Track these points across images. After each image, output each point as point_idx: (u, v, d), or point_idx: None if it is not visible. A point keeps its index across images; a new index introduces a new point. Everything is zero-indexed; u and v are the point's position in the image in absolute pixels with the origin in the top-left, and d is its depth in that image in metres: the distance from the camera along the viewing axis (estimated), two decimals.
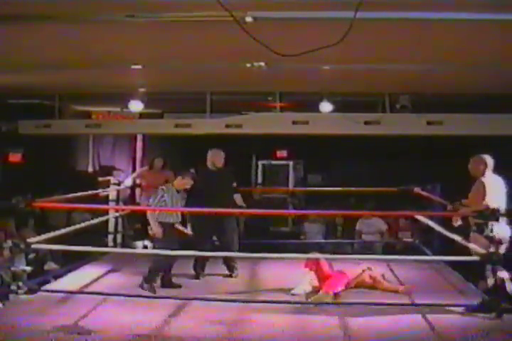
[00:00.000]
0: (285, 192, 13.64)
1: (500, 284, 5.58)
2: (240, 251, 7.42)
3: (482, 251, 5.72)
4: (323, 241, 11.10)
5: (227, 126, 10.51)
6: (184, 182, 6.93)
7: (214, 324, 5.38)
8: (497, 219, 5.66)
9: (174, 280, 6.90)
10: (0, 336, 4.94)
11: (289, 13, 5.32)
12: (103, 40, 6.43)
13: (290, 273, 7.06)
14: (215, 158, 7.51)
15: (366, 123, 10.35)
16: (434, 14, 5.23)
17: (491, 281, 5.77)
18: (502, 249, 5.79)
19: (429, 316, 5.55)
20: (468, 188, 6.25)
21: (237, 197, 7.59)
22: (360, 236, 11.04)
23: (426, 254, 8.34)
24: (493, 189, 6.00)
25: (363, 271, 6.81)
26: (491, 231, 5.74)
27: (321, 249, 10.48)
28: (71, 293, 6.36)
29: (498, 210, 5.67)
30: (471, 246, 5.94)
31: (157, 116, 12.33)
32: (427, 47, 6.62)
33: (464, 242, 6.14)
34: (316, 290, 6.53)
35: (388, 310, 5.81)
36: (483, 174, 6.11)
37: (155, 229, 6.71)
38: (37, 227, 9.47)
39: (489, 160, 6.17)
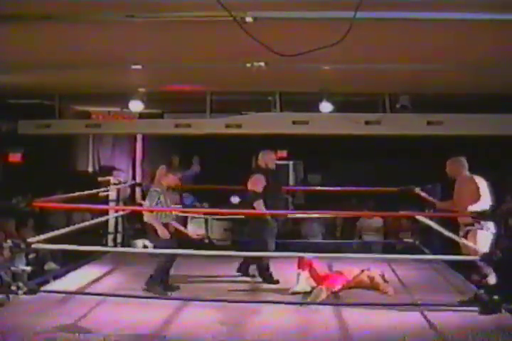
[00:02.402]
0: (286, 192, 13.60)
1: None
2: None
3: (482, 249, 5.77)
4: (323, 241, 11.09)
5: (227, 126, 10.50)
6: (172, 178, 6.99)
7: (214, 324, 5.38)
8: (503, 218, 5.77)
9: (175, 280, 6.90)
10: (0, 336, 4.94)
11: (289, 13, 5.32)
12: (103, 40, 6.43)
13: (289, 273, 7.06)
14: (268, 160, 7.46)
15: (366, 123, 10.34)
16: (434, 14, 5.24)
17: (492, 279, 5.80)
18: None
19: (429, 316, 5.56)
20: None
21: None
22: (360, 235, 11.05)
23: (426, 254, 8.34)
24: (484, 187, 6.21)
25: (362, 271, 6.82)
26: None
27: (320, 248, 10.48)
28: (71, 293, 6.36)
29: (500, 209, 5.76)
30: (471, 244, 5.96)
31: (157, 116, 12.33)
32: (426, 47, 6.62)
33: (465, 242, 6.14)
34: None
35: (388, 310, 5.81)
36: (460, 174, 6.47)
37: (162, 232, 6.59)
38: (37, 227, 9.48)
39: (464, 161, 6.55)
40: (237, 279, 7.39)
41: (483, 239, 6.01)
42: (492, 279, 5.83)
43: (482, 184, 6.23)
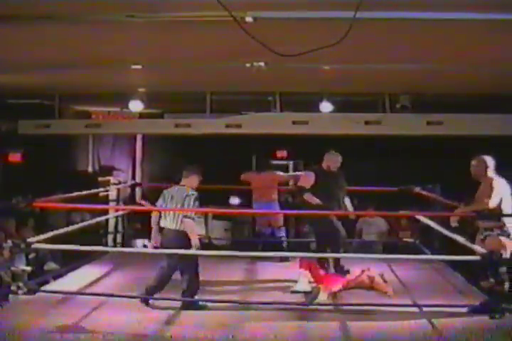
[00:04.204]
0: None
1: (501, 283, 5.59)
2: (246, 250, 7.39)
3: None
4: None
5: (227, 126, 10.51)
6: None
7: (213, 324, 5.38)
8: (498, 219, 5.65)
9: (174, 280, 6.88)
10: (0, 336, 4.94)
11: (289, 13, 5.32)
12: (103, 40, 6.43)
13: (290, 273, 7.07)
14: (330, 162, 7.38)
15: (366, 123, 10.35)
16: (434, 14, 5.24)
17: (507, 285, 5.69)
18: None
19: (429, 316, 5.55)
20: (467, 189, 6.24)
21: (347, 201, 7.54)
22: (360, 235, 11.04)
23: (426, 254, 8.33)
24: (501, 190, 5.92)
25: (362, 271, 6.81)
26: None
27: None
28: (71, 293, 6.36)
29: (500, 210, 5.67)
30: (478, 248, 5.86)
31: (157, 116, 12.33)
32: (427, 47, 6.63)
33: (467, 243, 6.09)
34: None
35: (389, 310, 5.81)
36: (485, 175, 6.03)
37: (197, 241, 6.08)
38: (37, 227, 9.48)
39: (490, 161, 6.10)
40: (236, 279, 7.38)
41: (506, 245, 5.75)
42: (506, 286, 5.72)
43: (501, 189, 5.90)
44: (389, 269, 7.61)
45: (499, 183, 5.95)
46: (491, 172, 6.07)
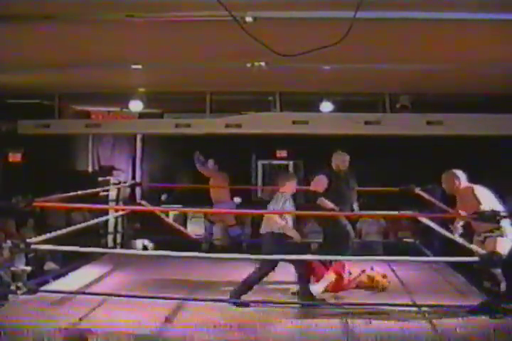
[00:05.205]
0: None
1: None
2: (245, 251, 7.40)
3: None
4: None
5: (227, 126, 10.50)
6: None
7: (214, 324, 5.38)
8: (498, 221, 5.66)
9: (174, 281, 6.89)
10: (0, 336, 4.94)
11: (289, 13, 5.33)
12: (103, 40, 6.44)
13: (290, 273, 7.06)
14: (339, 161, 7.38)
15: (366, 123, 10.34)
16: (434, 14, 5.24)
17: (503, 285, 5.70)
18: None
19: (429, 316, 5.55)
20: None
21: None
22: (360, 235, 11.04)
23: (426, 255, 8.33)
24: (484, 195, 6.02)
25: (362, 271, 6.81)
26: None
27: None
28: (71, 293, 6.35)
29: (499, 211, 5.68)
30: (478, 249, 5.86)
31: (157, 116, 12.33)
32: (427, 47, 6.63)
33: (467, 244, 6.09)
34: None
35: (389, 310, 5.80)
36: (458, 187, 6.20)
37: (297, 235, 6.60)
38: (37, 227, 9.48)
39: (460, 173, 6.28)
40: (236, 279, 7.37)
41: (503, 245, 5.79)
42: (503, 285, 5.74)
43: (484, 194, 6.01)
44: (389, 269, 7.61)
45: (479, 190, 6.06)
46: (465, 183, 6.21)
